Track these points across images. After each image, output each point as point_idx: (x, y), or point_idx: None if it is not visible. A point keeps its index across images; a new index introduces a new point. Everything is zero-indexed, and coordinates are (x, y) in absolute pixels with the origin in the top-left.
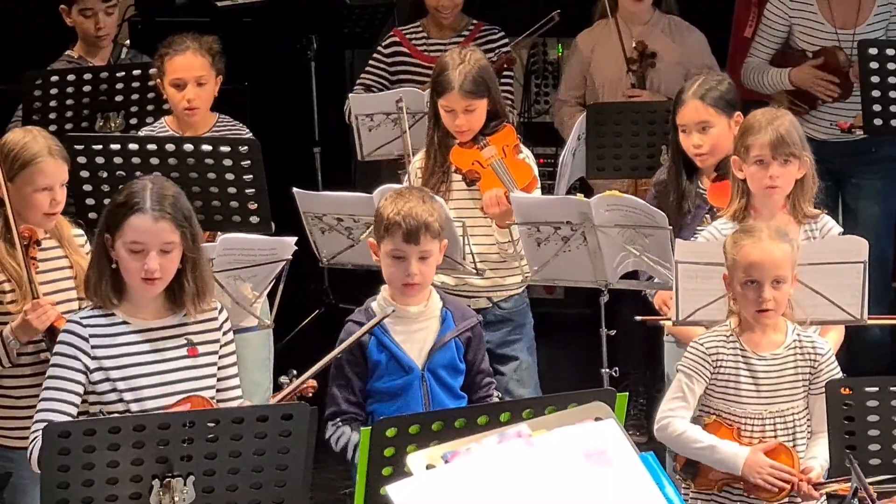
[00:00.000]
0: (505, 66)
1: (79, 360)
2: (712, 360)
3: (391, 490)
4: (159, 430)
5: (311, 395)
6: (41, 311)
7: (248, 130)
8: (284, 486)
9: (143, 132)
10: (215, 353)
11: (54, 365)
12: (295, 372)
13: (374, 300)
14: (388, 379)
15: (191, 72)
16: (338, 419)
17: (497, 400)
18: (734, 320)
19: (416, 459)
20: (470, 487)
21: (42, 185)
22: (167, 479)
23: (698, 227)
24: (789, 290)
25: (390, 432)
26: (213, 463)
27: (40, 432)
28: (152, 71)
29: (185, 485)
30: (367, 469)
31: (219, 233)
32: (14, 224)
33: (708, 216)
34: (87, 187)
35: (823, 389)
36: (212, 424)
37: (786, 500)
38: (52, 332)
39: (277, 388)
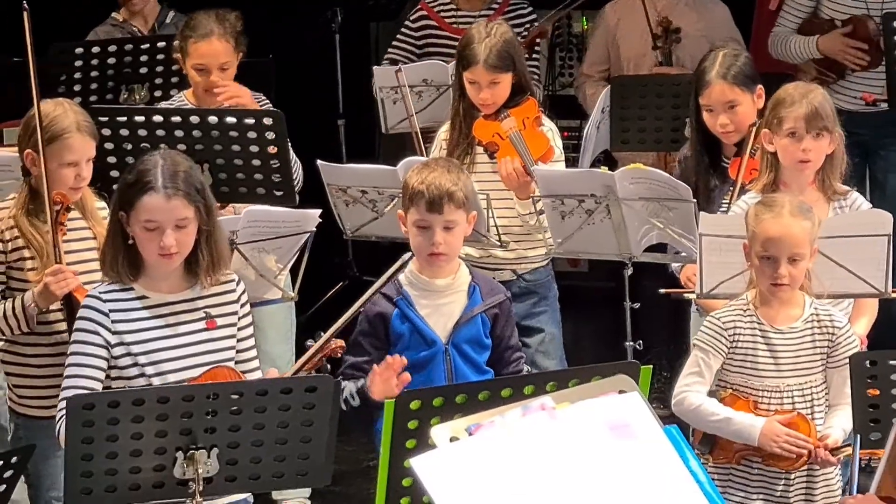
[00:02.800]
0: (538, 38)
1: (100, 335)
2: (729, 335)
3: (415, 462)
4: (183, 402)
5: (339, 355)
6: (61, 277)
7: (268, 101)
8: (308, 458)
9: (162, 106)
10: (234, 325)
11: (76, 341)
12: (323, 335)
13: (402, 273)
14: (411, 352)
15: (215, 59)
16: (338, 375)
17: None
18: (752, 293)
19: (440, 432)
20: (494, 460)
21: (69, 160)
22: (191, 451)
23: (723, 201)
24: (807, 266)
25: (414, 405)
26: (236, 435)
27: (65, 403)
28: (175, 43)
29: (208, 457)
30: (390, 441)
31: (231, 204)
32: (48, 191)
33: (732, 189)
34: (111, 159)
35: (841, 363)
36: (236, 397)
37: (804, 467)
38: (69, 302)
39: (304, 351)
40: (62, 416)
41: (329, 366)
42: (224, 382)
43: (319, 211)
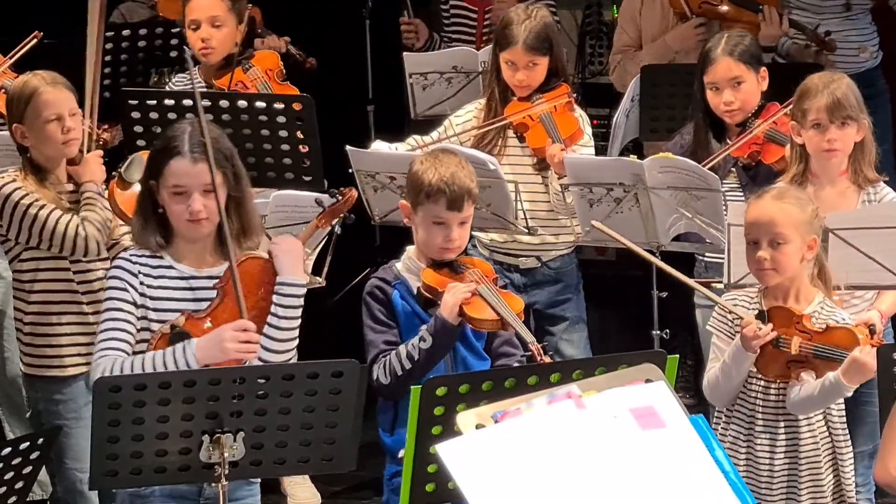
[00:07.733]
0: None
1: (129, 292)
2: (731, 317)
3: (441, 449)
4: (210, 386)
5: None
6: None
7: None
8: (334, 443)
9: (174, 80)
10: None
11: (109, 298)
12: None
13: (399, 261)
14: (412, 336)
15: (204, 12)
16: (379, 356)
17: (522, 363)
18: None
19: (465, 418)
20: (520, 447)
21: (49, 115)
22: (217, 435)
23: (725, 181)
24: (795, 253)
25: (440, 391)
26: (262, 419)
27: (97, 376)
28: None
29: (234, 441)
30: (416, 428)
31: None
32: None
33: (734, 170)
34: (141, 142)
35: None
36: (262, 381)
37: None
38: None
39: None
40: (95, 366)
41: (353, 216)
42: (251, 366)
43: None
